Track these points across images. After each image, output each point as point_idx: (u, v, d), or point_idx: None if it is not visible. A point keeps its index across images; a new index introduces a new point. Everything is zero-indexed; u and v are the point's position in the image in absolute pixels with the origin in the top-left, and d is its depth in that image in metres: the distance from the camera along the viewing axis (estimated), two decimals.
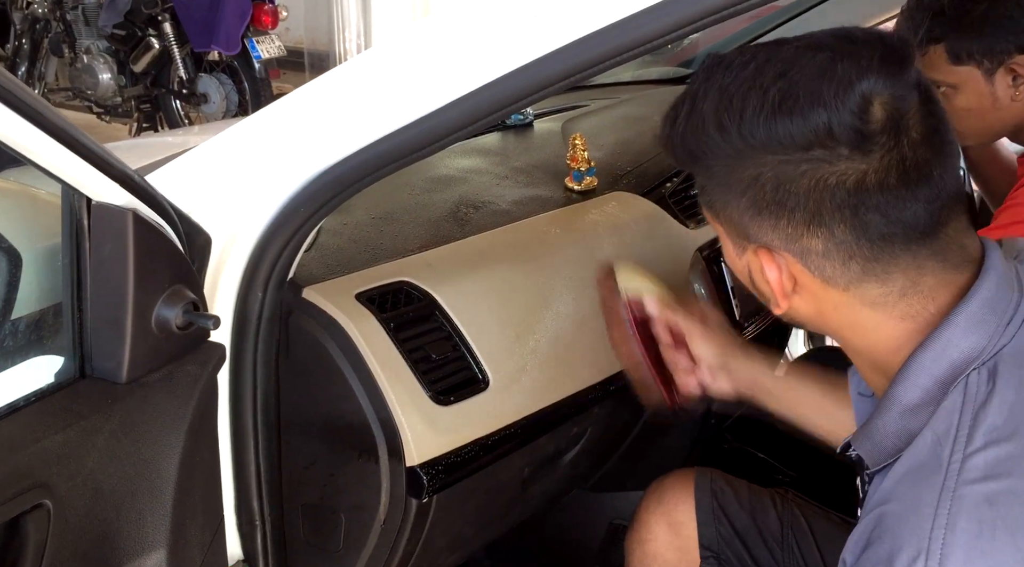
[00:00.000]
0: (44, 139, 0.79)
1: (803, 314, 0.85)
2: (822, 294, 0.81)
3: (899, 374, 0.80)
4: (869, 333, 0.82)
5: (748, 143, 0.77)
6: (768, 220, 0.79)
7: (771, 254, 0.81)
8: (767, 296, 0.86)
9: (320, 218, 1.08)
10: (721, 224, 0.85)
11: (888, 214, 0.75)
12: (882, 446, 0.81)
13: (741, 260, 0.86)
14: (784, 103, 0.75)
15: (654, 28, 0.85)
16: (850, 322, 0.83)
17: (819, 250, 0.78)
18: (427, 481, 1.17)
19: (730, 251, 0.87)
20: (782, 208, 0.78)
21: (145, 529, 0.95)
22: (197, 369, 1.00)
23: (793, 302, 0.84)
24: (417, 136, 0.99)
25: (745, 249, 0.84)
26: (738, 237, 0.84)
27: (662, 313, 1.21)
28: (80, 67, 5.27)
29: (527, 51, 0.91)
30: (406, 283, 1.26)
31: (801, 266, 0.80)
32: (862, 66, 0.74)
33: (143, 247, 0.92)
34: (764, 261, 0.81)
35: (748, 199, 0.79)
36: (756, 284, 0.86)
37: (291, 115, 1.05)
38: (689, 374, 1.20)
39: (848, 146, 0.74)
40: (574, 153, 1.63)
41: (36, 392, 0.91)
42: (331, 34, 6.82)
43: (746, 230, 0.82)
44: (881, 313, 0.80)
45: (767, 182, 0.77)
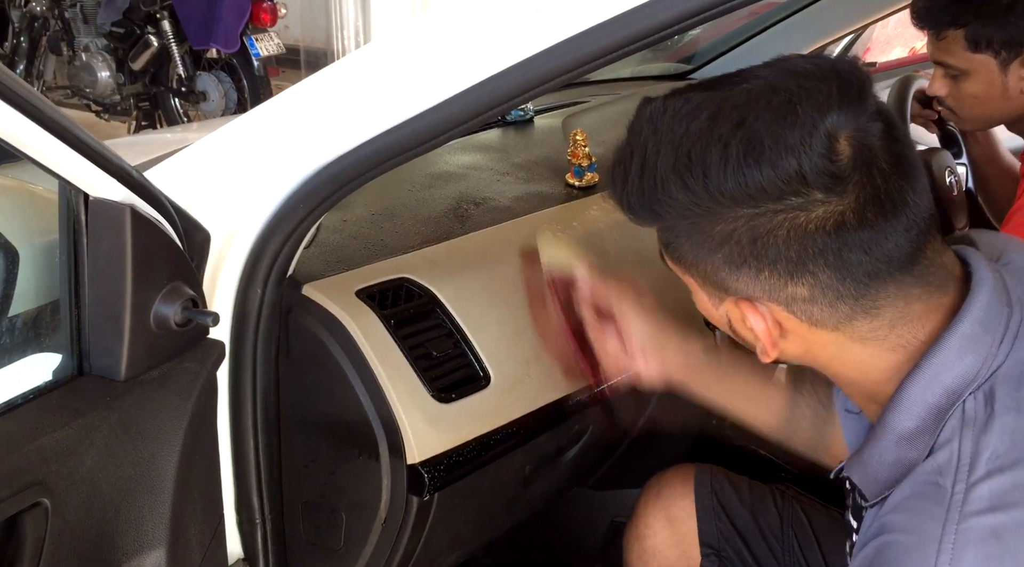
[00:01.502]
0: (41, 134, 0.79)
1: (791, 355, 0.83)
2: (810, 336, 0.79)
3: (892, 402, 0.77)
4: (861, 366, 0.80)
5: (716, 200, 0.73)
6: (748, 273, 0.76)
7: (753, 305, 0.78)
8: (751, 343, 0.83)
9: (320, 214, 1.07)
10: (692, 277, 0.82)
11: (871, 250, 0.73)
12: (878, 476, 0.79)
13: (719, 310, 0.83)
14: (749, 154, 0.71)
15: (654, 23, 0.85)
16: (840, 358, 0.80)
17: (805, 296, 0.76)
18: (428, 479, 1.16)
19: (704, 302, 0.84)
20: (762, 261, 0.75)
21: (144, 528, 0.94)
22: (196, 366, 1.00)
23: (780, 345, 0.81)
24: (417, 132, 0.98)
25: (722, 300, 0.81)
26: (714, 289, 0.81)
27: (591, 286, 1.13)
28: (79, 65, 5.27)
29: (527, 46, 0.90)
30: (406, 280, 1.26)
31: (787, 313, 0.78)
32: (821, 104, 0.71)
33: (141, 243, 0.92)
34: (747, 312, 0.79)
35: (723, 255, 0.76)
36: (738, 332, 0.84)
37: (290, 111, 1.04)
38: (617, 354, 1.12)
39: (822, 189, 0.71)
40: (575, 149, 1.63)
41: (34, 390, 0.90)
42: (329, 32, 6.80)
43: (723, 284, 0.79)
44: (872, 347, 0.78)
45: (742, 237, 0.74)
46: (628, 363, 1.12)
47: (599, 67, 0.91)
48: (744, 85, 0.75)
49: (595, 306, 1.13)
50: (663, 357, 1.12)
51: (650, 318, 1.12)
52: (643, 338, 1.12)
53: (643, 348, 1.12)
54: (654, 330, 1.12)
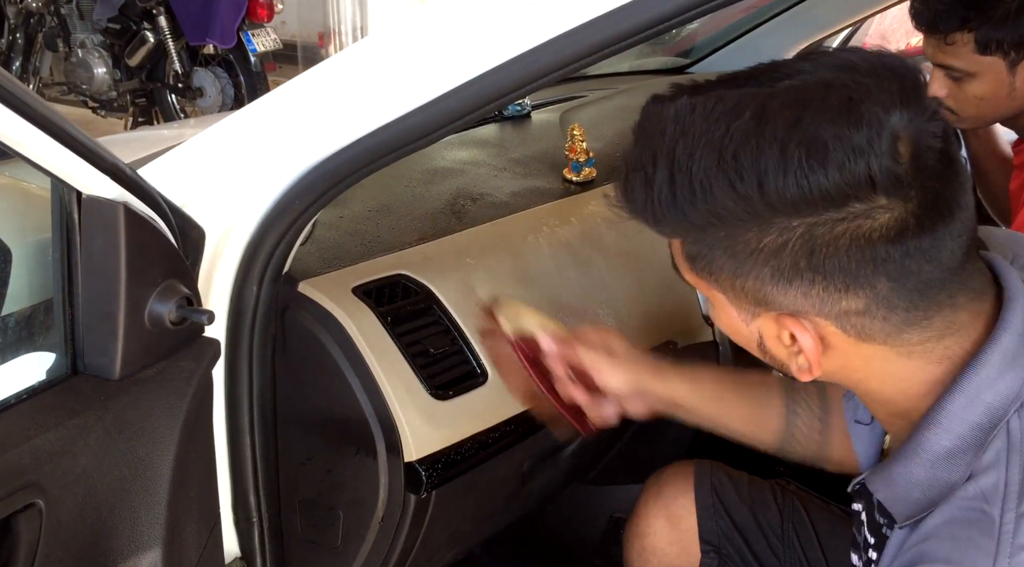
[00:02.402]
0: (32, 131, 0.78)
1: (825, 371, 0.77)
2: (853, 350, 0.74)
3: (928, 419, 0.73)
4: (900, 382, 0.76)
5: (773, 208, 0.67)
6: (799, 287, 0.71)
7: (799, 321, 0.73)
8: (781, 362, 0.78)
9: (316, 211, 1.07)
10: (722, 291, 0.76)
11: (931, 258, 0.69)
12: (909, 496, 0.75)
13: (749, 327, 0.77)
14: (812, 156, 0.65)
15: (652, 17, 0.84)
16: (880, 373, 0.76)
17: (859, 309, 0.71)
18: (425, 477, 1.16)
19: (731, 318, 0.78)
20: (817, 274, 0.69)
21: (140, 528, 0.93)
22: (192, 365, 0.99)
23: (811, 376, 0.76)
24: (413, 127, 0.97)
25: (756, 316, 0.76)
26: (750, 305, 0.75)
27: (560, 350, 1.10)
28: (75, 61, 5.25)
29: (524, 41, 0.89)
30: (403, 276, 1.25)
31: (835, 327, 0.73)
32: (885, 102, 0.66)
33: (135, 241, 0.91)
34: (792, 328, 0.73)
35: (772, 267, 0.70)
36: (769, 350, 0.78)
37: (286, 106, 1.03)
38: (599, 406, 1.11)
39: (886, 194, 0.66)
40: (572, 144, 1.62)
41: (27, 389, 0.89)
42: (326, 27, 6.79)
43: (765, 299, 0.73)
44: (918, 360, 0.74)
45: (797, 248, 0.69)
46: (611, 411, 1.12)
47: (597, 62, 0.90)
48: (787, 81, 0.69)
49: (568, 364, 1.11)
50: (645, 399, 1.11)
51: (625, 368, 1.10)
52: (621, 389, 1.10)
53: (622, 398, 1.11)
54: (630, 379, 1.10)
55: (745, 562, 1.32)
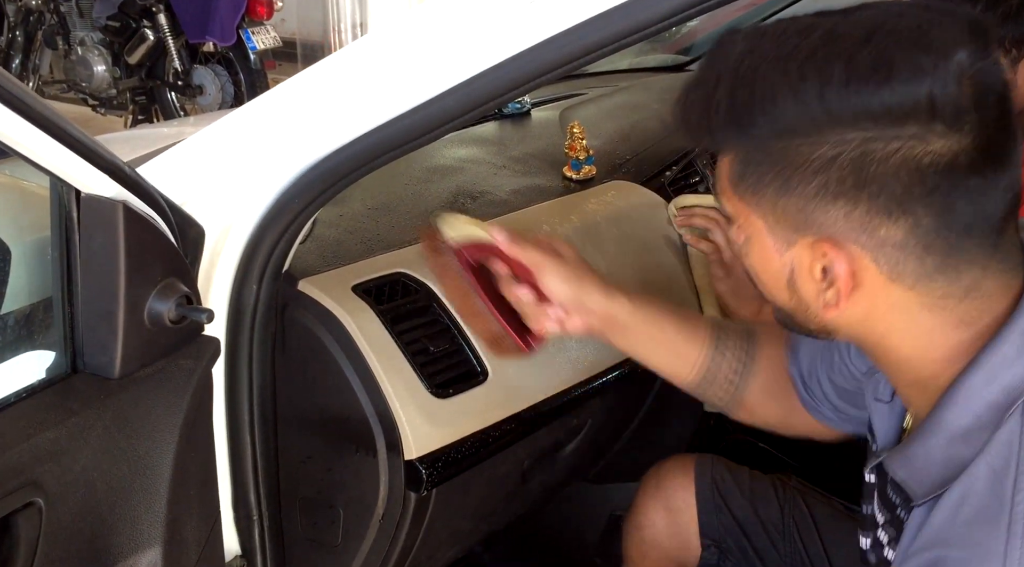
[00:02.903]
0: (31, 130, 0.78)
1: (847, 318, 0.77)
2: (881, 293, 0.74)
3: (947, 397, 0.74)
4: (919, 339, 0.76)
5: (832, 117, 0.68)
6: (842, 207, 0.71)
7: (837, 246, 0.73)
8: (808, 301, 0.78)
9: (315, 209, 1.06)
10: (761, 216, 0.76)
11: (975, 201, 0.69)
12: (926, 474, 0.75)
13: (782, 259, 0.77)
14: (878, 71, 0.66)
15: (652, 14, 0.84)
16: (900, 327, 0.76)
17: (897, 240, 0.71)
18: (426, 475, 1.16)
19: (765, 250, 0.78)
20: (862, 192, 0.70)
21: (140, 526, 0.93)
22: (191, 363, 0.99)
23: (837, 312, 0.76)
24: (413, 125, 0.97)
25: (792, 244, 0.75)
26: (787, 230, 0.75)
27: (508, 247, 1.07)
28: (74, 59, 5.26)
29: (524, 38, 0.89)
30: (403, 275, 1.25)
31: (869, 259, 0.73)
32: (954, 36, 0.67)
33: (134, 240, 0.91)
34: (829, 252, 0.73)
35: (817, 184, 0.71)
36: (797, 287, 0.78)
37: (285, 104, 1.03)
38: (540, 312, 1.08)
39: (944, 122, 0.67)
40: (572, 142, 1.62)
41: (27, 388, 0.89)
42: (325, 25, 6.79)
43: (806, 220, 0.73)
44: (939, 316, 0.74)
45: (848, 163, 0.69)
46: (551, 320, 1.09)
47: (597, 59, 0.90)
48: (857, 13, 0.71)
49: (513, 265, 1.09)
50: (585, 312, 1.08)
51: (570, 273, 1.07)
52: (564, 295, 1.07)
53: (564, 304, 1.08)
54: (575, 286, 1.07)
55: (746, 557, 1.32)
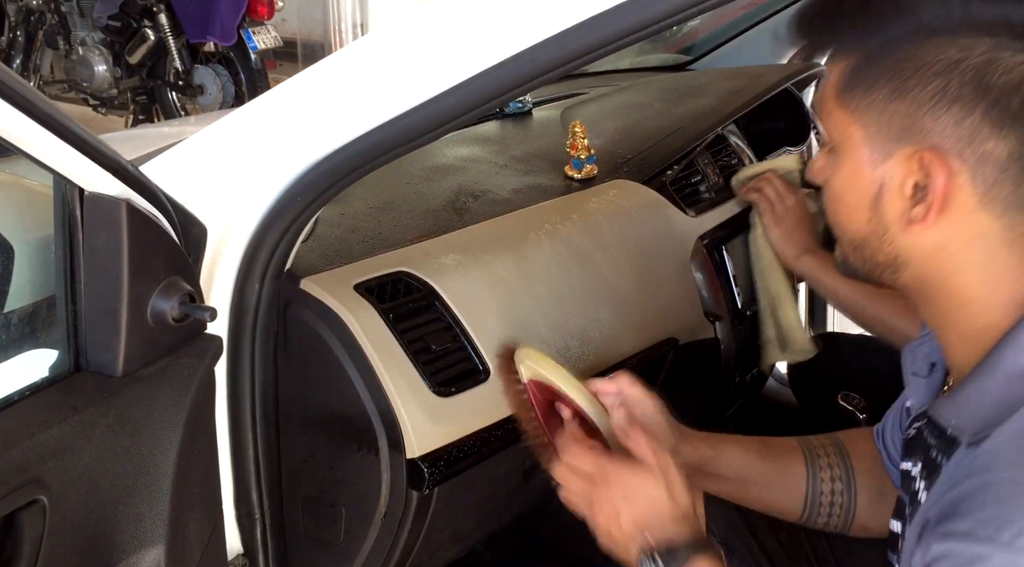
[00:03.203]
0: (34, 128, 0.78)
1: (923, 246, 0.77)
2: (967, 220, 0.75)
3: (1007, 338, 0.74)
4: (989, 280, 0.76)
5: (972, 21, 0.70)
6: (956, 113, 0.72)
7: (939, 157, 0.73)
8: (888, 223, 0.78)
9: (317, 208, 1.07)
10: (862, 126, 0.77)
11: None
12: (977, 414, 0.75)
13: (874, 173, 0.78)
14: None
15: (653, 13, 0.84)
16: (975, 262, 0.76)
17: (1000, 159, 0.72)
18: (428, 473, 1.16)
19: (858, 163, 0.79)
20: (979, 100, 0.71)
21: (143, 524, 0.94)
22: (194, 362, 0.99)
23: (921, 231, 0.76)
24: (414, 124, 0.97)
25: (889, 156, 0.76)
26: (888, 139, 0.76)
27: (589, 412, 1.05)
28: (75, 59, 5.26)
29: (525, 37, 0.89)
30: (405, 273, 1.25)
31: (967, 176, 0.73)
32: None
33: (137, 238, 0.91)
34: (931, 163, 0.73)
35: (937, 86, 0.72)
36: (882, 204, 0.78)
37: (287, 103, 1.04)
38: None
39: None
40: (574, 141, 1.62)
41: (30, 386, 0.89)
42: (326, 25, 6.79)
43: (914, 125, 0.74)
44: (1017, 256, 0.75)
45: (972, 68, 0.70)
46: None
47: (598, 58, 0.90)
48: None
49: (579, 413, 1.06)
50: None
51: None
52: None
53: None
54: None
55: (752, 555, 1.32)
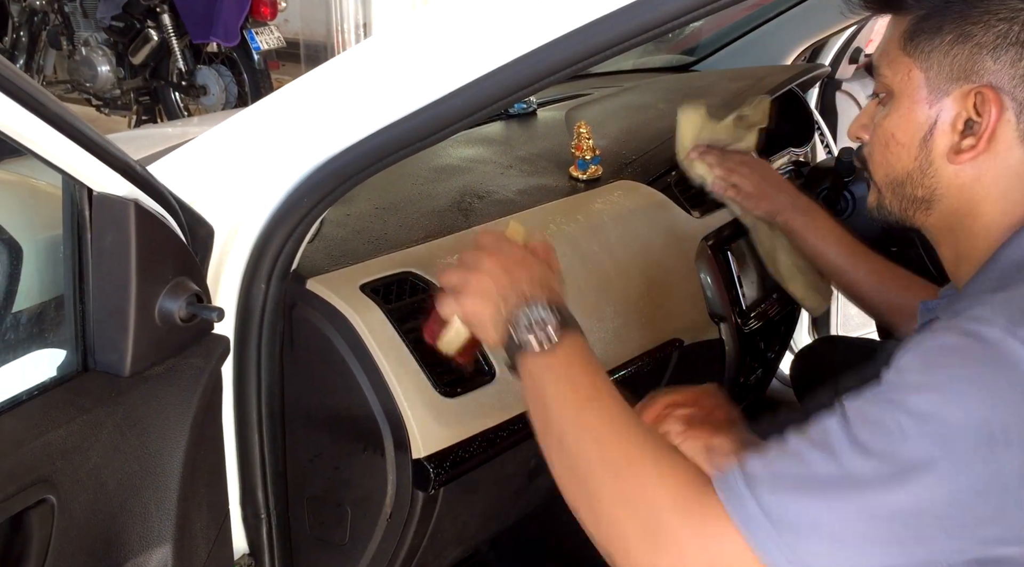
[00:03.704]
0: (44, 129, 0.78)
1: (961, 180, 0.89)
2: (1004, 153, 0.87)
3: (1010, 240, 0.86)
4: (1008, 210, 0.88)
5: None
6: (1012, 56, 0.84)
7: (996, 93, 0.85)
8: (935, 157, 0.90)
9: (323, 209, 1.07)
10: (924, 69, 0.89)
11: None
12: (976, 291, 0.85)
13: (931, 110, 0.89)
14: None
15: (658, 15, 0.84)
16: (1000, 192, 0.88)
17: None
18: (434, 473, 1.16)
19: (916, 102, 0.90)
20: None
21: (150, 523, 0.94)
22: (201, 362, 0.99)
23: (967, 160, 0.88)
24: (420, 125, 0.98)
25: (947, 94, 0.88)
26: (948, 80, 0.88)
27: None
28: (78, 59, 5.26)
29: (530, 39, 0.89)
30: (411, 274, 1.25)
31: (1013, 113, 0.85)
32: None
33: (145, 238, 0.91)
34: (989, 99, 0.85)
35: (1000, 30, 0.85)
36: (932, 139, 0.90)
37: (293, 104, 1.04)
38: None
39: None
40: (579, 142, 1.62)
41: (38, 386, 0.89)
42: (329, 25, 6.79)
43: (975, 66, 0.86)
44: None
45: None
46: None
47: (603, 60, 0.90)
48: None
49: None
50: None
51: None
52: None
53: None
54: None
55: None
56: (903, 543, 0.72)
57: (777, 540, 0.73)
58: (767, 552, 0.73)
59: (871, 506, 0.72)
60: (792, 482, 0.74)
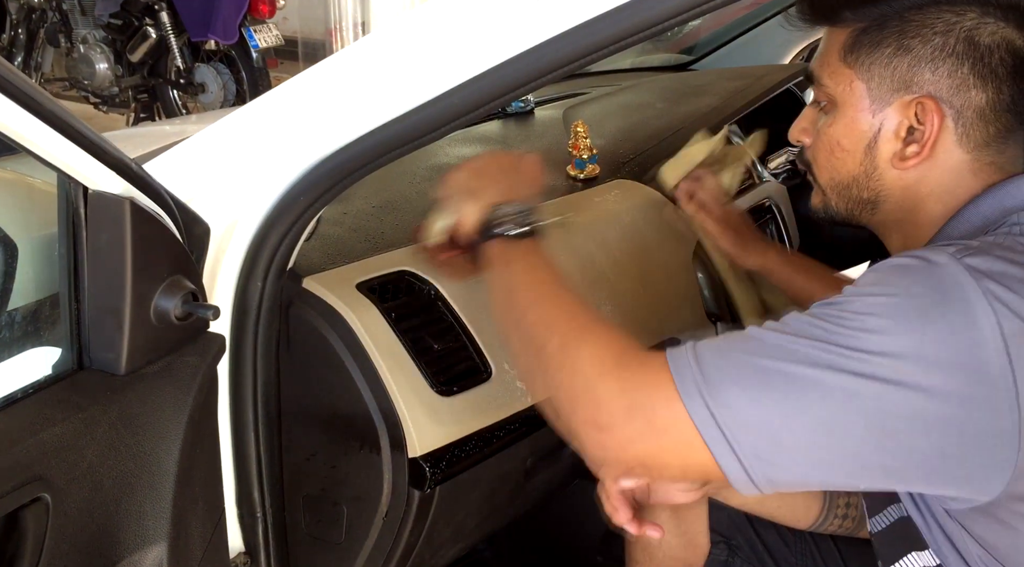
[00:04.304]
0: (39, 127, 0.78)
1: (905, 181, 0.93)
2: (944, 156, 0.90)
3: (956, 214, 0.90)
4: (949, 199, 0.91)
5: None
6: (949, 67, 0.88)
7: (936, 103, 0.89)
8: (879, 162, 0.93)
9: (320, 207, 1.07)
10: (866, 80, 0.92)
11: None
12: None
13: (874, 118, 0.92)
14: None
15: (655, 14, 0.84)
16: (943, 191, 0.91)
17: (979, 105, 0.88)
18: (430, 472, 1.16)
19: (859, 111, 0.93)
20: (967, 57, 0.87)
21: (145, 522, 0.94)
22: (197, 360, 0.99)
23: (912, 166, 0.91)
24: (417, 124, 0.97)
25: (889, 104, 0.91)
26: (889, 90, 0.91)
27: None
28: (76, 57, 5.25)
29: (528, 37, 0.89)
30: (407, 273, 1.25)
31: (951, 119, 0.89)
32: None
33: (141, 236, 0.91)
34: (929, 109, 0.88)
35: (935, 44, 0.88)
36: (876, 146, 0.92)
37: (290, 103, 1.04)
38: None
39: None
40: (576, 141, 1.62)
41: (34, 384, 0.89)
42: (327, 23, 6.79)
43: (915, 78, 0.89)
44: (976, 180, 0.90)
45: (963, 30, 0.87)
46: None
47: (600, 59, 0.90)
48: None
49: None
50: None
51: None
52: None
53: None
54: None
55: (756, 553, 1.32)
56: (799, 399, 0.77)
57: (702, 384, 0.78)
58: (688, 394, 0.78)
59: (793, 370, 0.76)
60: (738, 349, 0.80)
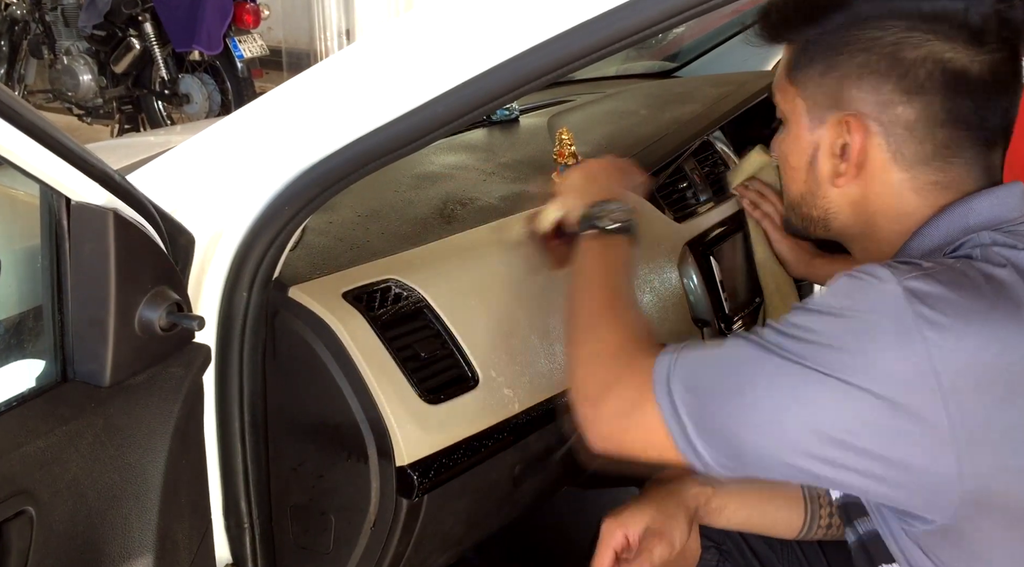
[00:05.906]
0: (20, 138, 0.78)
1: (848, 198, 0.93)
2: (880, 174, 0.90)
3: (917, 230, 0.90)
4: (902, 219, 0.91)
5: (893, 10, 0.86)
6: (872, 83, 0.88)
7: (860, 121, 0.89)
8: (821, 180, 0.94)
9: (305, 216, 1.07)
10: (804, 97, 0.93)
11: (978, 107, 0.87)
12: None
13: (811, 136, 0.93)
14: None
15: (639, 21, 0.84)
16: (888, 208, 0.92)
17: (908, 121, 0.88)
18: (417, 481, 1.16)
19: (800, 128, 0.94)
20: (891, 72, 0.87)
21: (131, 534, 0.93)
22: (182, 371, 0.99)
23: (845, 184, 0.92)
24: (402, 132, 0.97)
25: (823, 122, 0.92)
26: (822, 107, 0.92)
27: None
28: (60, 69, 5.24)
29: (512, 45, 0.90)
30: (393, 281, 1.25)
31: (880, 137, 0.89)
32: None
33: (124, 247, 0.91)
34: (854, 126, 0.89)
35: (859, 62, 0.88)
36: (816, 164, 0.94)
37: (274, 112, 1.04)
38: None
39: (970, 32, 0.85)
40: (561, 148, 1.62)
41: (17, 397, 0.89)
42: (312, 33, 6.79)
43: (842, 95, 0.90)
44: (922, 200, 0.90)
45: (888, 45, 0.87)
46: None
47: (584, 66, 0.91)
48: None
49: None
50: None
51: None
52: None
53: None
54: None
55: (744, 559, 1.32)
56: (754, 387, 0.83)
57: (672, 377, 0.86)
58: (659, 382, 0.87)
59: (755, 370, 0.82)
60: (713, 352, 0.87)
